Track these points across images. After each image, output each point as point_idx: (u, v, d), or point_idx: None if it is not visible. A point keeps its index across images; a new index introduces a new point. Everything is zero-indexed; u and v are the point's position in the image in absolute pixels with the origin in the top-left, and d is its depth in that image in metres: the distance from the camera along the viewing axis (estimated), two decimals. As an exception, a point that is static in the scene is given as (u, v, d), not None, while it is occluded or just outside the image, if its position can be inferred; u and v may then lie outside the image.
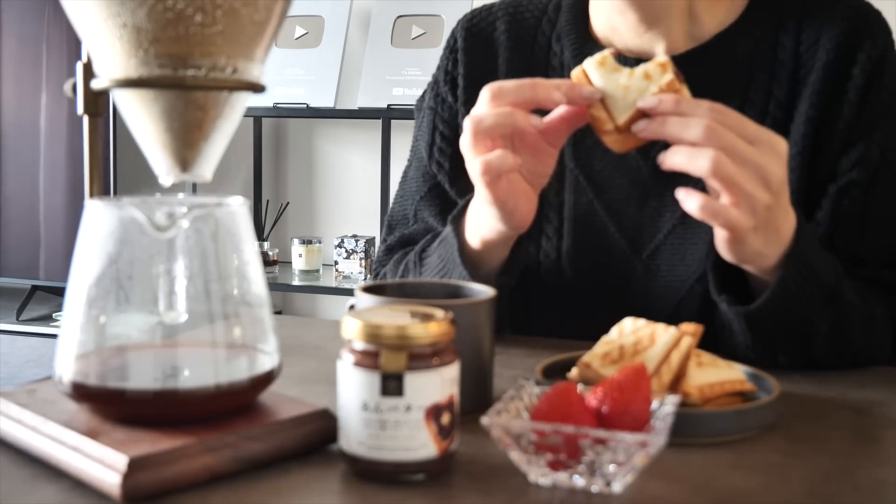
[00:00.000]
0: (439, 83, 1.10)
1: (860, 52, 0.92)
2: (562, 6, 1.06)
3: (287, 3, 0.64)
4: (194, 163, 0.64)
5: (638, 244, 0.97)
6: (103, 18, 0.59)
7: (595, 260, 0.98)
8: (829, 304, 0.83)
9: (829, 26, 0.93)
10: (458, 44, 1.08)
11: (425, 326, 0.57)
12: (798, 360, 0.84)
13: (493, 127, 0.77)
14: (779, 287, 0.80)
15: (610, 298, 0.97)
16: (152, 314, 0.61)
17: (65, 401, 0.63)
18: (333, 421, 0.62)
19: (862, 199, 0.92)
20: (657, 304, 0.96)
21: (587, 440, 0.54)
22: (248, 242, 0.64)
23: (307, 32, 2.82)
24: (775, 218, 0.76)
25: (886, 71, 0.93)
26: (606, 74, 0.76)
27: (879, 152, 0.92)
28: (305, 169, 3.07)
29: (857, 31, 0.93)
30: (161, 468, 0.55)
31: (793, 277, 0.80)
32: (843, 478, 0.60)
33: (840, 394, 0.79)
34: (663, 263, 0.96)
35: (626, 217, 0.98)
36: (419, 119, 1.12)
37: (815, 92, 0.93)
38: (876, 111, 0.93)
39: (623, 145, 0.78)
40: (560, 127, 0.80)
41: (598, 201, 0.99)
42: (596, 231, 0.98)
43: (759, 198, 0.73)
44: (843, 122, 0.92)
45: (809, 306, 0.82)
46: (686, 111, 0.73)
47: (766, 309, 0.81)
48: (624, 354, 0.70)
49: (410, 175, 1.11)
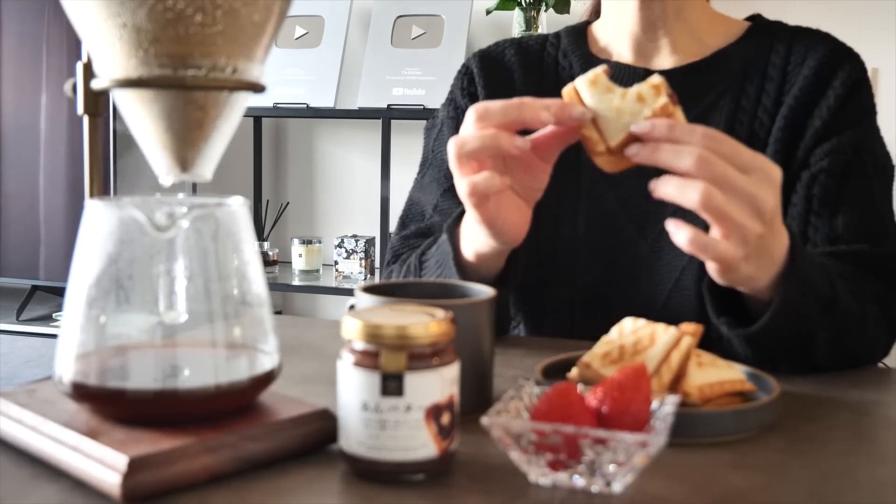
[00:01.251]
0: (457, 100, 1.15)
1: (841, 69, 1.03)
2: (560, 34, 1.16)
3: (287, 3, 0.64)
4: (194, 163, 0.64)
5: (644, 229, 1.05)
6: (103, 18, 0.59)
7: (606, 243, 1.06)
8: (826, 312, 0.83)
9: (814, 51, 1.05)
10: (474, 68, 1.15)
11: (425, 326, 0.57)
12: (798, 366, 0.85)
13: (478, 150, 0.76)
14: (779, 308, 0.80)
15: (619, 276, 1.05)
16: (152, 314, 0.61)
17: (65, 401, 0.63)
18: (333, 421, 0.62)
19: (833, 184, 0.99)
20: (661, 279, 1.03)
21: (587, 440, 0.54)
22: (248, 242, 0.64)
23: (307, 32, 2.82)
24: (767, 245, 0.75)
25: (863, 93, 1.04)
26: (598, 94, 0.74)
27: (853, 149, 1.00)
28: (305, 169, 3.07)
29: (839, 57, 1.05)
30: (161, 468, 0.55)
31: (792, 295, 0.80)
32: (843, 478, 0.61)
33: (840, 394, 0.79)
34: (666, 244, 1.02)
35: (634, 206, 1.05)
36: (433, 135, 1.17)
37: (796, 95, 1.03)
38: (850, 118, 1.02)
39: (615, 166, 0.75)
40: (551, 143, 0.79)
41: (610, 192, 1.06)
42: (607, 218, 1.06)
43: (750, 228, 0.72)
44: (820, 120, 1.02)
45: (809, 318, 0.82)
46: (679, 138, 0.71)
47: (767, 329, 0.81)
48: (624, 354, 0.70)
49: (427, 181, 1.14)
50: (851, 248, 0.96)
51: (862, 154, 1.01)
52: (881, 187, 1.02)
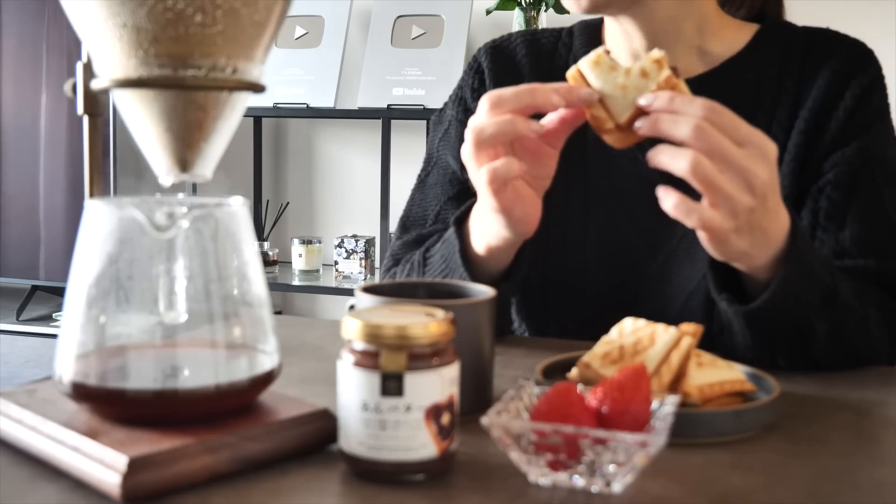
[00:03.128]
0: (466, 100, 1.13)
1: (853, 80, 1.01)
2: (574, 31, 1.14)
3: (287, 3, 0.64)
4: (194, 163, 0.64)
5: (654, 248, 1.04)
6: (103, 18, 0.59)
7: (615, 263, 1.04)
8: (827, 303, 0.84)
9: (829, 61, 1.02)
10: (484, 64, 1.13)
11: (425, 326, 0.57)
12: (797, 360, 0.85)
13: (496, 135, 0.78)
14: (779, 287, 0.80)
15: (626, 297, 1.03)
16: (152, 314, 0.61)
17: (65, 401, 0.63)
18: (333, 421, 0.62)
19: (840, 197, 0.98)
20: (668, 301, 1.01)
21: (587, 440, 0.54)
22: (248, 242, 0.64)
23: (307, 32, 2.82)
24: (760, 220, 0.76)
25: (874, 95, 1.02)
26: (603, 74, 0.76)
27: (861, 160, 0.99)
28: (305, 169, 3.07)
29: (852, 65, 1.02)
30: (161, 468, 0.55)
31: (792, 277, 0.80)
32: (843, 478, 0.61)
33: (840, 394, 0.79)
34: (676, 265, 1.02)
35: (643, 223, 1.03)
36: (439, 130, 1.15)
37: (810, 110, 1.01)
38: (859, 126, 1.00)
39: (624, 142, 0.78)
40: (559, 128, 0.81)
41: (619, 210, 1.05)
42: (617, 236, 1.04)
43: (739, 200, 0.73)
44: (830, 134, 1.00)
45: (808, 306, 0.82)
46: (679, 109, 0.73)
47: (765, 307, 0.81)
48: (624, 354, 0.70)
49: (430, 181, 1.13)
50: (857, 263, 0.95)
51: (871, 163, 0.99)
52: (892, 195, 0.99)
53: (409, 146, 2.89)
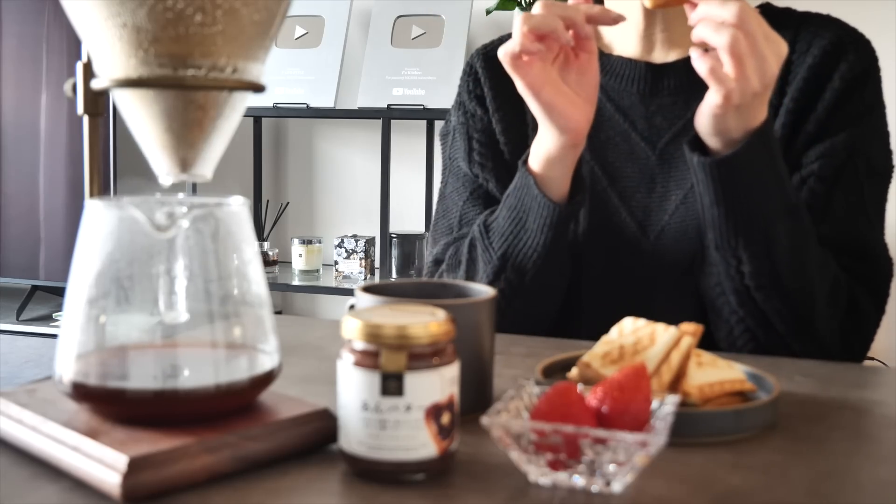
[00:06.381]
0: (465, 104, 1.16)
1: (843, 61, 1.03)
2: None
3: (287, 3, 0.64)
4: (194, 163, 0.64)
5: (646, 226, 1.06)
6: (103, 18, 0.59)
7: (609, 242, 1.06)
8: (788, 214, 0.90)
9: (819, 38, 1.04)
10: (478, 67, 1.16)
11: (425, 326, 0.57)
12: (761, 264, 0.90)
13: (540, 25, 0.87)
14: (746, 146, 0.88)
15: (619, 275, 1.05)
16: (152, 314, 0.61)
17: (65, 401, 0.63)
18: (333, 421, 0.62)
19: (822, 190, 1.00)
20: (663, 276, 1.04)
21: (587, 440, 0.54)
22: (248, 242, 0.64)
23: (307, 32, 2.82)
24: (753, 107, 0.86)
25: (868, 87, 1.03)
26: None
27: (846, 153, 1.01)
28: (305, 169, 3.07)
29: (844, 45, 1.03)
30: (161, 468, 0.55)
31: (758, 145, 0.89)
32: (843, 478, 0.61)
33: (840, 394, 0.79)
34: (668, 241, 1.04)
35: (635, 202, 1.06)
36: (448, 142, 1.18)
37: (797, 89, 1.03)
38: (848, 117, 1.02)
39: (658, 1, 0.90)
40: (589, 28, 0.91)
41: (611, 189, 1.07)
42: (609, 215, 1.07)
43: (753, 83, 0.83)
44: (815, 119, 1.02)
45: (770, 197, 0.90)
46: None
47: (731, 161, 0.89)
48: (624, 354, 0.70)
49: (448, 191, 1.16)
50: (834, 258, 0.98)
51: (855, 158, 1.00)
52: (873, 193, 1.02)
53: (410, 146, 2.88)
